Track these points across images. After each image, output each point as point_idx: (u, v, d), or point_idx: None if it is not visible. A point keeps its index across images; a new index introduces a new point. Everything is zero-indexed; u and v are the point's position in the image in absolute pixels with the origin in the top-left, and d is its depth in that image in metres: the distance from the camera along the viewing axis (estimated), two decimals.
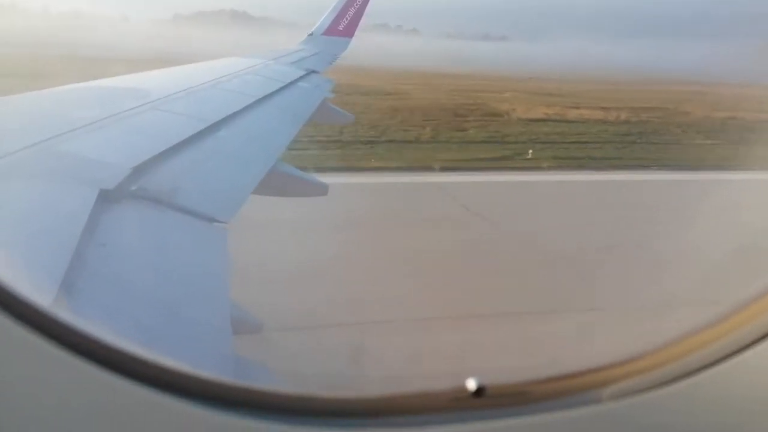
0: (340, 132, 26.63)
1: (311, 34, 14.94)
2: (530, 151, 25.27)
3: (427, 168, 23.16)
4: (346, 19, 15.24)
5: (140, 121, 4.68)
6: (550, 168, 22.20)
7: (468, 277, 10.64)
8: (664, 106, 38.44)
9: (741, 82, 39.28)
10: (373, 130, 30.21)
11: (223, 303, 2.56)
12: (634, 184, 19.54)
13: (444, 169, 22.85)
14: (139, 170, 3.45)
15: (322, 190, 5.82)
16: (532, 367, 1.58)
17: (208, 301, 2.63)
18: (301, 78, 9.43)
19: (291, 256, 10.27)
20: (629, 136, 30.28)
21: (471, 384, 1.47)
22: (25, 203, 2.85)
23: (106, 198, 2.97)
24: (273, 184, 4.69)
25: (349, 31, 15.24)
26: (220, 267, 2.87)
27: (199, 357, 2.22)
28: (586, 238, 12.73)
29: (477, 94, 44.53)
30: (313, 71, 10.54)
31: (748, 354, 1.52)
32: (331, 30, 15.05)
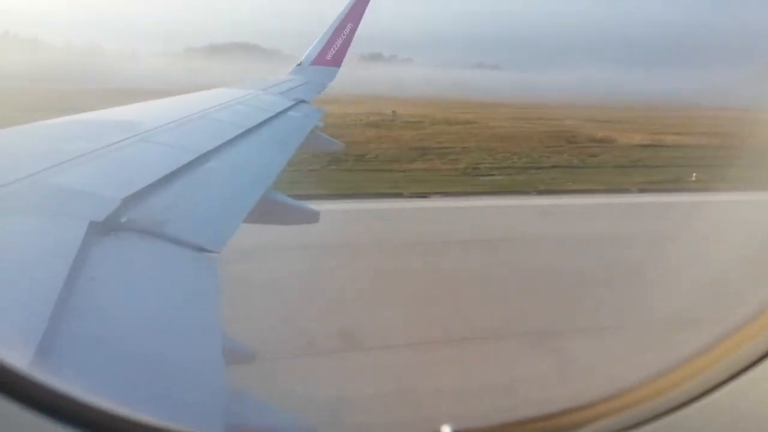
0: (518, 158, 27.28)
1: (299, 64, 15.06)
2: (694, 174, 25.84)
3: (625, 190, 23.71)
4: (334, 48, 15.39)
5: (130, 153, 4.67)
6: (721, 189, 22.56)
7: None
8: (726, 130, 38.27)
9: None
10: (525, 158, 31.31)
11: (215, 333, 2.53)
12: None
13: (642, 190, 23.79)
14: (129, 202, 3.43)
15: (314, 217, 5.81)
16: (507, 409, 1.58)
17: (199, 332, 2.59)
18: (290, 108, 9.48)
19: None
20: (738, 158, 30.66)
21: (446, 430, 1.45)
22: (13, 236, 2.82)
23: (96, 230, 2.95)
24: (264, 212, 4.68)
25: (337, 61, 15.38)
26: (211, 297, 2.84)
27: (191, 391, 2.18)
28: None
29: (543, 121, 45.68)
30: (302, 101, 10.60)
31: (718, 394, 1.52)
32: (319, 60, 15.19)
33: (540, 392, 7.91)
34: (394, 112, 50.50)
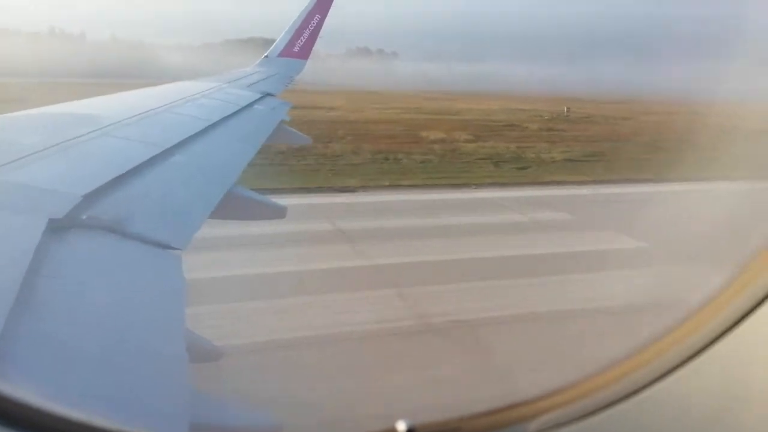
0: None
1: (267, 56, 14.93)
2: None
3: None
4: (302, 40, 15.29)
5: (91, 148, 4.59)
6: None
7: None
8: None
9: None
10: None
11: (179, 331, 2.51)
12: None
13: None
14: (90, 198, 3.38)
15: (280, 212, 5.78)
16: (463, 404, 1.60)
17: (163, 330, 2.58)
18: (256, 101, 9.40)
19: None
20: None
21: (401, 426, 1.46)
22: None
23: (56, 227, 2.90)
24: (230, 208, 4.64)
25: (304, 53, 15.29)
26: (176, 294, 2.82)
27: (154, 390, 2.17)
28: None
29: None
30: (269, 94, 10.51)
31: (669, 380, 1.56)
32: (287, 52, 15.08)
33: None
34: (568, 108, 52.70)
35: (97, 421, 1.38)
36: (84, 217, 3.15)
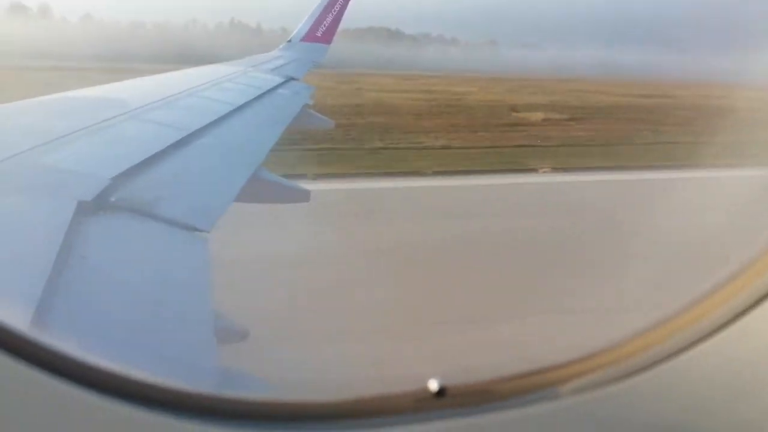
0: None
1: (290, 41, 14.93)
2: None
3: None
4: (324, 25, 15.25)
5: (119, 131, 4.65)
6: None
7: None
8: None
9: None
10: None
11: (206, 312, 2.55)
12: None
13: None
14: (118, 180, 3.43)
15: (304, 196, 5.81)
16: (493, 366, 1.61)
17: (190, 311, 2.62)
18: (280, 85, 9.43)
19: None
20: None
21: (432, 384, 1.48)
22: (1, 216, 2.82)
23: (85, 209, 2.95)
24: (254, 191, 4.68)
25: (327, 38, 15.26)
26: (202, 276, 2.86)
27: (182, 368, 2.21)
28: None
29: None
30: (293, 78, 10.53)
31: (704, 346, 1.57)
32: (310, 36, 15.05)
33: None
34: None
35: (133, 373, 1.43)
36: (112, 199, 3.20)
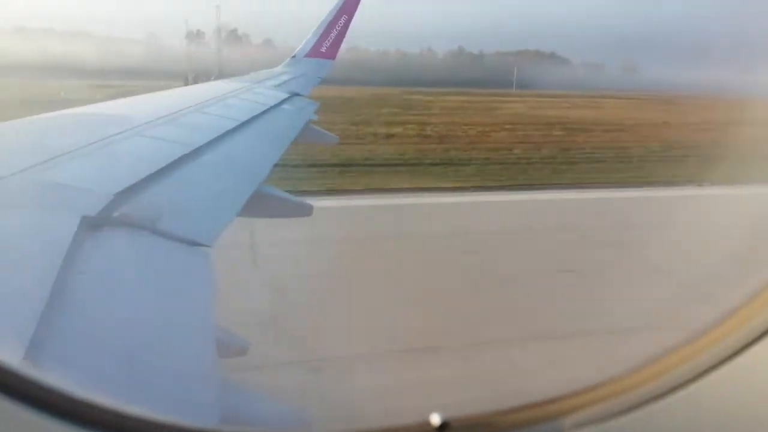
0: None
1: (294, 57, 15.03)
2: None
3: None
4: (329, 41, 15.35)
5: (123, 148, 4.67)
6: None
7: None
8: None
9: None
10: None
11: (208, 326, 2.55)
12: None
13: None
14: (122, 196, 3.44)
15: (307, 210, 5.82)
16: (496, 399, 1.60)
17: (192, 326, 2.61)
18: (284, 101, 9.47)
19: None
20: None
21: (435, 418, 1.47)
22: (5, 231, 2.83)
23: (88, 225, 2.96)
24: (258, 206, 4.69)
25: (331, 53, 15.35)
26: (205, 290, 2.86)
27: (185, 385, 2.20)
28: None
29: None
30: (297, 94, 10.59)
31: (710, 378, 1.55)
32: (314, 52, 15.15)
33: None
34: None
35: (128, 409, 1.41)
36: (116, 214, 3.21)
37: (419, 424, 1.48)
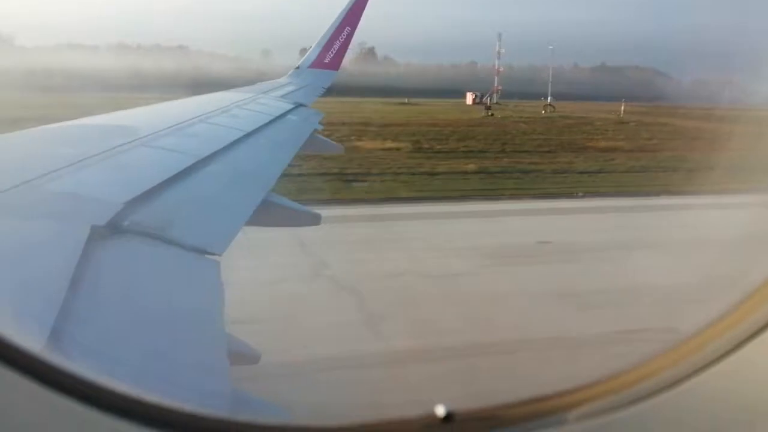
0: None
1: (298, 68, 15.10)
2: None
3: None
4: (332, 52, 15.43)
5: (131, 158, 4.68)
6: None
7: None
8: None
9: None
10: None
11: (219, 335, 2.54)
12: None
13: None
14: (131, 206, 3.44)
15: (315, 219, 5.81)
16: (500, 392, 1.61)
17: (203, 334, 2.60)
18: (289, 111, 9.50)
19: None
20: None
21: (440, 410, 1.47)
22: (15, 241, 2.83)
23: (98, 234, 2.95)
24: (266, 215, 4.68)
25: (334, 64, 15.42)
26: (215, 299, 2.84)
27: (195, 392, 2.19)
28: None
29: None
30: (301, 104, 10.62)
31: (709, 373, 1.56)
32: (318, 63, 15.22)
33: None
34: None
35: (147, 396, 1.42)
36: (125, 224, 3.21)
37: (424, 417, 1.49)
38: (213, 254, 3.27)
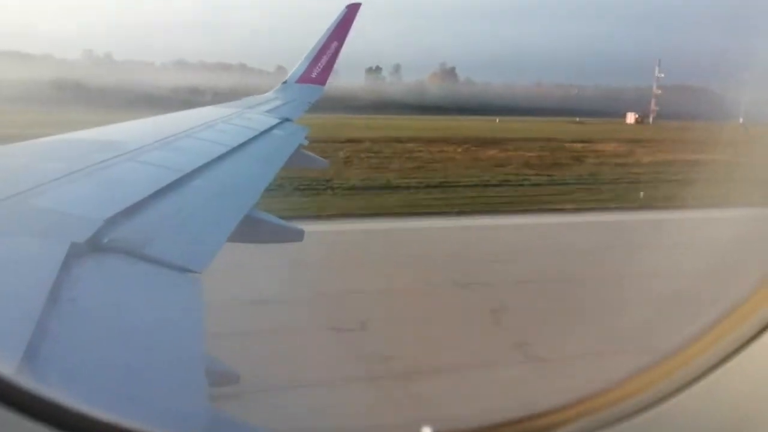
0: None
1: (285, 82, 15.12)
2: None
3: None
4: (320, 66, 15.47)
5: (113, 173, 4.67)
6: None
7: None
8: None
9: None
10: None
11: (198, 354, 2.53)
12: None
13: None
14: (112, 222, 3.43)
15: (298, 235, 5.81)
16: (484, 412, 1.61)
17: (181, 354, 2.59)
18: (275, 126, 9.51)
19: None
20: None
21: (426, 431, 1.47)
22: None
23: (77, 251, 2.94)
24: (248, 231, 4.68)
25: (322, 79, 15.45)
26: (194, 317, 2.84)
27: (173, 414, 2.18)
28: None
29: None
30: (287, 119, 10.64)
31: (698, 386, 1.56)
32: (305, 78, 15.25)
33: None
34: None
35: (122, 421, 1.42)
36: (105, 241, 3.20)
37: None
38: (193, 271, 3.27)
